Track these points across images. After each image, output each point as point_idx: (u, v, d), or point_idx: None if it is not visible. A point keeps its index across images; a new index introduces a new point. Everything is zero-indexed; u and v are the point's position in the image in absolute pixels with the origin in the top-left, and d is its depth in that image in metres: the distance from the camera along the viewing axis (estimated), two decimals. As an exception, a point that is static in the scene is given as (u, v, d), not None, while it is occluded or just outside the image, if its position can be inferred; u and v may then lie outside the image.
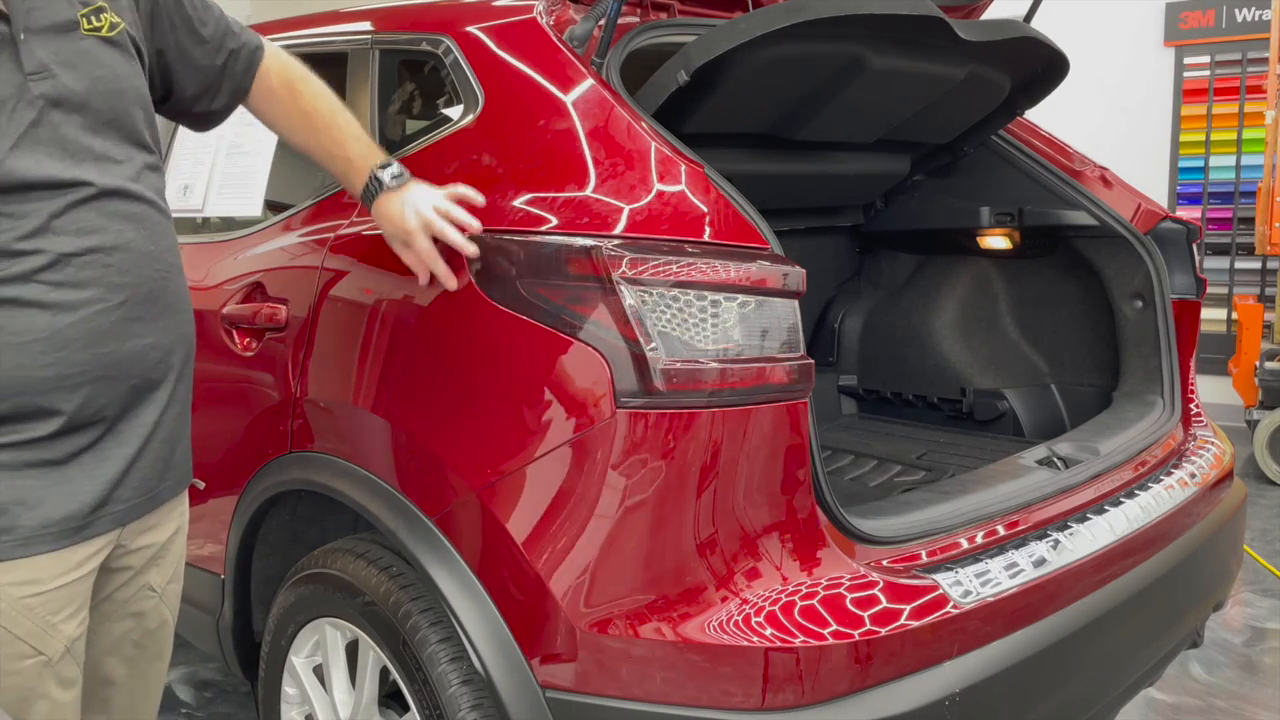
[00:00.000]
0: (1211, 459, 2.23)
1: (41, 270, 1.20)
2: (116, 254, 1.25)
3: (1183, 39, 6.18)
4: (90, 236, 1.23)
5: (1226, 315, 6.05)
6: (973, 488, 1.82)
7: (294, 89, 1.57)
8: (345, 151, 1.58)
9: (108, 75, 1.28)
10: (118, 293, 1.26)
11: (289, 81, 1.57)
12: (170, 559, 1.47)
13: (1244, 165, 6.10)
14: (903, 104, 2.33)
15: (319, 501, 1.92)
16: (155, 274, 1.31)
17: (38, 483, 1.23)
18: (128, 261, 1.27)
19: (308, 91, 1.58)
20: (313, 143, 1.59)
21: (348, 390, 1.76)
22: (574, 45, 1.72)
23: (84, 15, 1.27)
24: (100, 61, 1.27)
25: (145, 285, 1.29)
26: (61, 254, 1.21)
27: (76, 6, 1.26)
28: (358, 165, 1.58)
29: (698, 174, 1.56)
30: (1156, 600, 1.89)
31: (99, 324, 1.24)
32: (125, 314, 1.27)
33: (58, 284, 1.21)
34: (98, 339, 1.24)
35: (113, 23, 1.30)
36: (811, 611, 1.43)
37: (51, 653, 1.26)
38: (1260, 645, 3.20)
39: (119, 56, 1.30)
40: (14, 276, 1.19)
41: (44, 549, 1.23)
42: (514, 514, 1.49)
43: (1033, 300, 2.73)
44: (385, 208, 1.56)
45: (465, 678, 1.55)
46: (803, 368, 1.49)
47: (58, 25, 1.24)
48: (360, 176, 1.58)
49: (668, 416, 1.42)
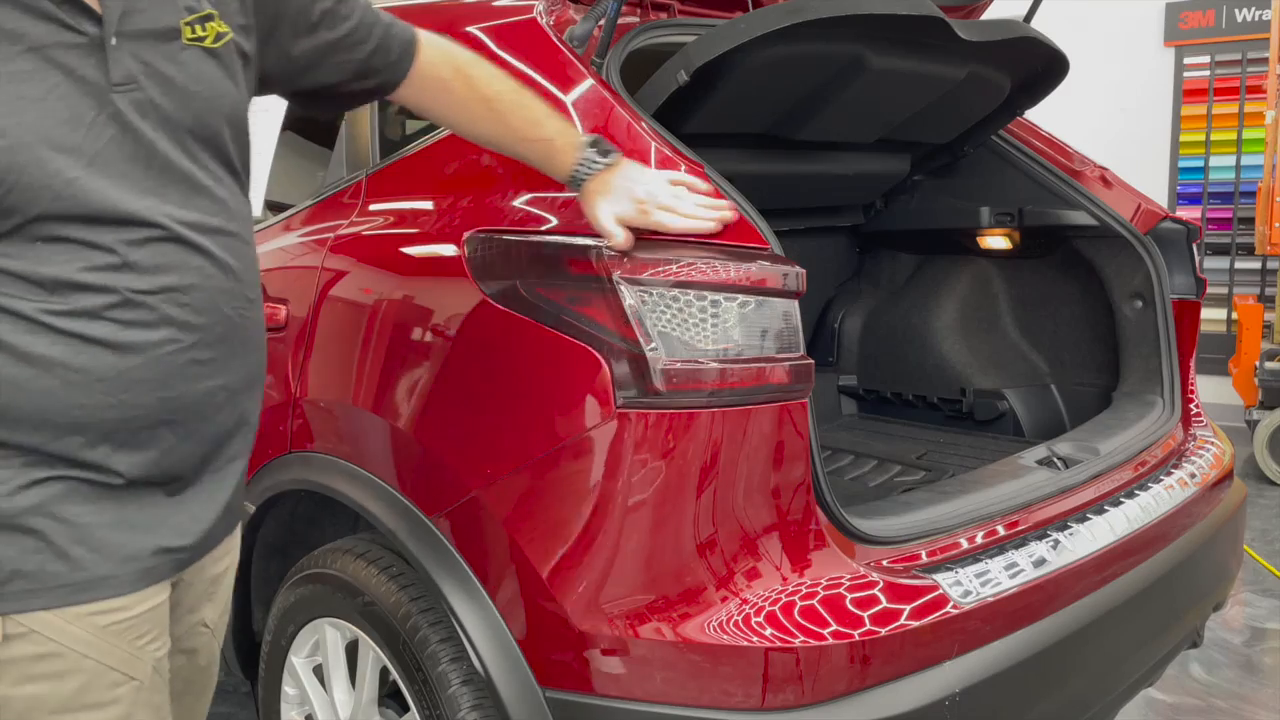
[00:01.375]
0: (1211, 459, 2.23)
1: (111, 308, 1.08)
2: (194, 292, 1.14)
3: (1183, 39, 6.18)
4: (167, 274, 1.11)
5: (1226, 315, 6.05)
6: (973, 488, 1.82)
7: (468, 76, 1.44)
8: (542, 132, 1.44)
9: (204, 92, 1.16)
10: (191, 333, 1.14)
11: (459, 68, 1.44)
12: (222, 593, 1.39)
13: (1244, 165, 6.10)
14: (903, 104, 2.33)
15: (319, 502, 1.92)
16: (233, 311, 1.19)
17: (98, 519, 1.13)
18: (205, 300, 1.15)
19: (483, 74, 1.44)
20: (501, 129, 1.46)
21: (348, 390, 1.76)
22: (574, 45, 1.72)
23: (188, 23, 1.14)
24: (198, 76, 1.15)
25: (221, 324, 1.17)
26: (134, 291, 1.09)
27: (181, 12, 1.14)
28: (560, 145, 1.44)
29: (698, 174, 1.56)
30: (1156, 600, 1.88)
31: (168, 366, 1.13)
32: (197, 355, 1.15)
33: (128, 323, 1.09)
34: (165, 382, 1.13)
35: (219, 33, 1.18)
36: (811, 611, 1.43)
37: (142, 676, 1.20)
38: (1260, 645, 3.20)
39: (219, 71, 1.18)
40: (81, 311, 1.07)
41: (105, 595, 1.14)
42: (514, 514, 1.49)
43: (1033, 300, 2.73)
44: (600, 184, 1.42)
45: (465, 678, 1.55)
46: (803, 368, 1.49)
47: (156, 32, 1.12)
48: (565, 157, 1.43)
49: (668, 417, 1.42)
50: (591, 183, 1.43)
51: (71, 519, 1.11)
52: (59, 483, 1.11)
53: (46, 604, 1.10)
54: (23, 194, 1.04)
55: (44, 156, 1.04)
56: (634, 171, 1.45)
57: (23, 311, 1.06)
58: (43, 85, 1.04)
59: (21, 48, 1.04)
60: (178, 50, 1.13)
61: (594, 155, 1.43)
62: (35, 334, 1.07)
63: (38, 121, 1.04)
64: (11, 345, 1.07)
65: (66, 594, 1.11)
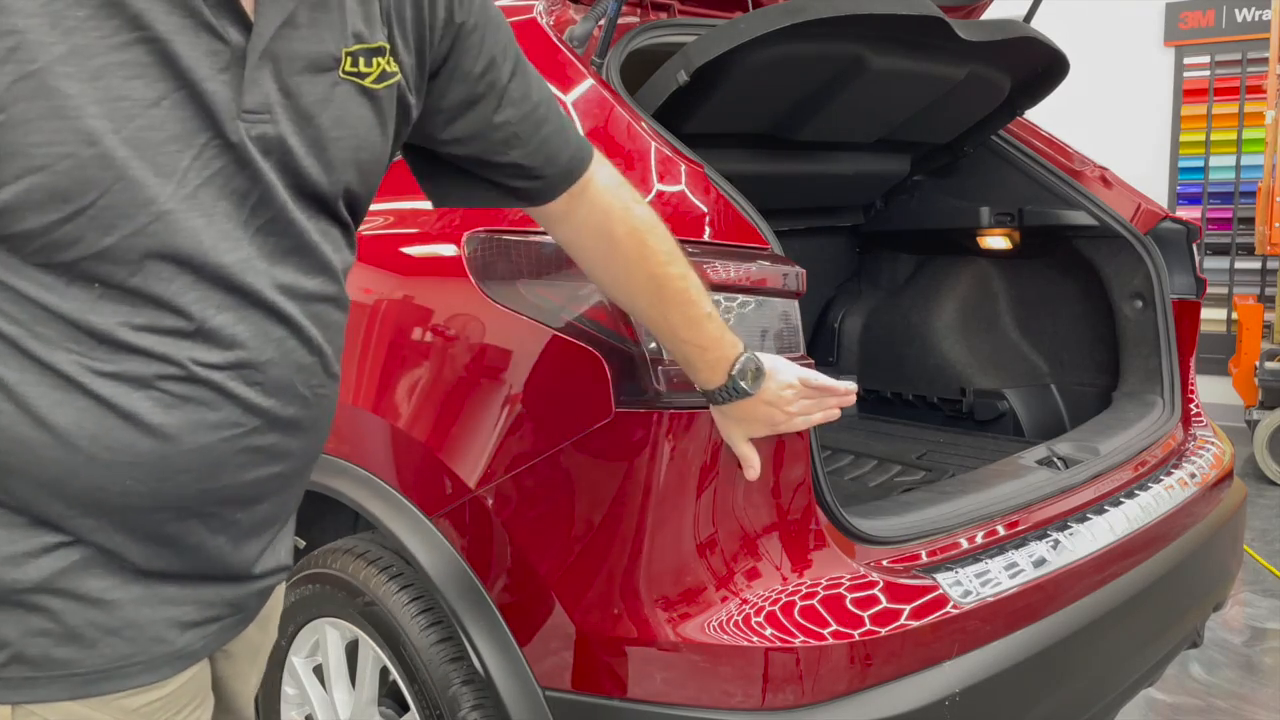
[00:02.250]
0: (1211, 459, 2.23)
1: (166, 379, 0.87)
2: (270, 369, 0.92)
3: (1183, 39, 6.18)
4: (244, 348, 0.89)
5: (1226, 315, 6.05)
6: (973, 488, 1.82)
7: (644, 245, 1.21)
8: (697, 338, 1.27)
9: (345, 139, 0.95)
10: (255, 417, 0.92)
11: (637, 232, 1.21)
12: (264, 652, 1.22)
13: (1244, 165, 6.10)
14: (903, 104, 2.33)
15: (319, 501, 1.92)
16: (309, 391, 0.97)
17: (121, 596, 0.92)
18: (280, 378, 0.93)
19: (661, 250, 1.22)
20: (652, 313, 1.27)
21: (347, 390, 1.76)
22: (574, 45, 1.72)
23: (350, 53, 0.94)
24: (344, 118, 0.94)
25: (293, 407, 0.95)
26: (199, 363, 0.88)
27: (347, 39, 0.94)
28: (711, 357, 1.28)
29: (698, 174, 1.56)
30: (1156, 600, 1.89)
31: (220, 454, 0.91)
32: (256, 442, 0.93)
33: (183, 399, 0.87)
34: (212, 472, 0.91)
35: (386, 72, 0.97)
36: (811, 611, 1.43)
37: None
38: (1260, 645, 3.20)
39: (372, 117, 0.97)
40: (129, 377, 0.86)
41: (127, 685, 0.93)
42: (514, 514, 1.49)
43: (1033, 300, 2.73)
44: (742, 412, 1.33)
45: (465, 678, 1.55)
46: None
47: (311, 57, 0.91)
48: (714, 374, 1.29)
49: (667, 416, 1.42)
50: (733, 409, 1.33)
51: (90, 595, 0.90)
52: (76, 549, 0.90)
53: (52, 696, 0.90)
54: (98, 220, 0.82)
55: (139, 179, 0.82)
56: (774, 394, 1.32)
57: (56, 364, 0.84)
58: (155, 89, 0.83)
59: (139, 35, 0.82)
60: (330, 85, 0.93)
61: (743, 386, 1.29)
62: (66, 394, 0.85)
63: (141, 133, 0.82)
64: (33, 405, 0.85)
65: (79, 685, 0.91)
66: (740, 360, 1.30)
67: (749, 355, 1.31)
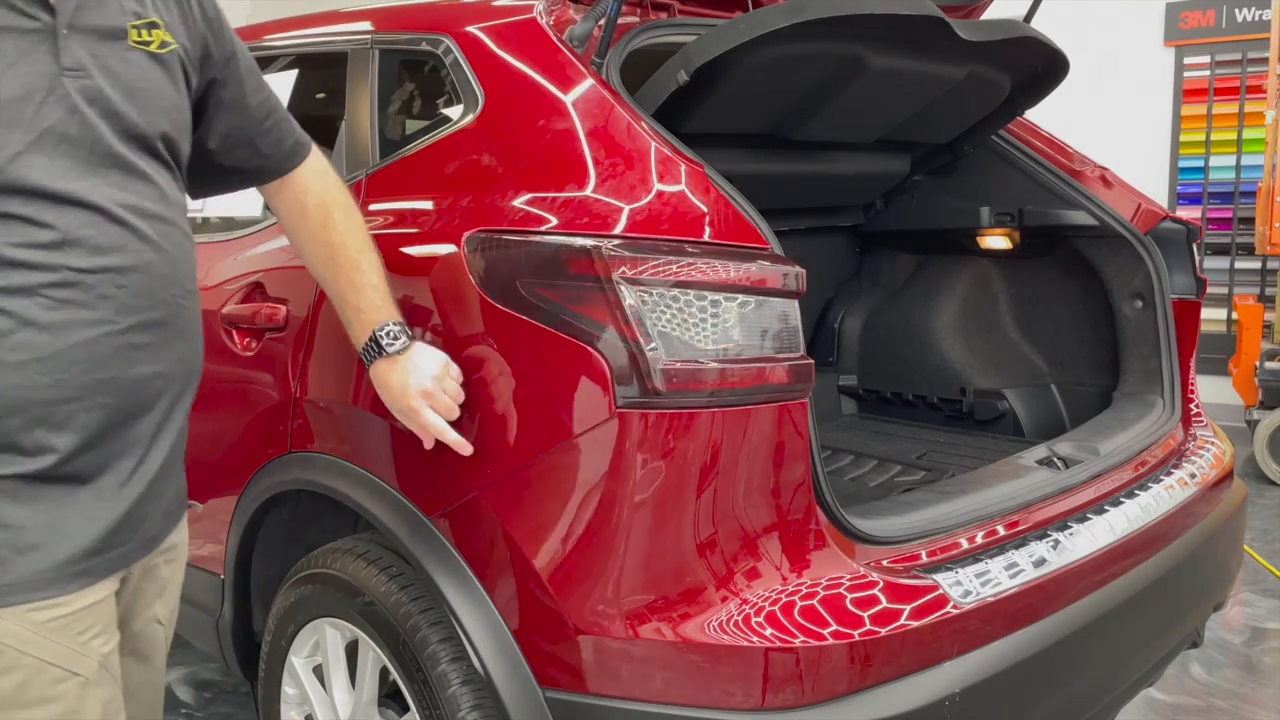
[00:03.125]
0: (1211, 459, 2.23)
1: (49, 286, 1.11)
2: (132, 275, 1.17)
3: (1183, 39, 6.18)
4: (108, 255, 1.14)
5: (1226, 315, 6.05)
6: (973, 488, 1.82)
7: (329, 217, 1.51)
8: (356, 300, 1.52)
9: (148, 89, 1.21)
10: (128, 315, 1.17)
11: (325, 206, 1.51)
12: (173, 587, 1.42)
13: (1244, 165, 6.10)
14: (903, 104, 2.33)
15: (319, 501, 1.92)
16: (170, 299, 1.22)
17: (31, 522, 1.14)
18: (143, 284, 1.18)
19: (342, 225, 1.51)
20: (327, 276, 1.54)
21: (347, 390, 1.76)
22: (574, 45, 1.72)
23: (135, 27, 1.21)
24: (142, 75, 1.21)
25: (158, 310, 1.20)
26: (73, 269, 1.12)
27: (129, 16, 1.21)
28: (363, 319, 1.52)
29: (698, 174, 1.56)
30: (1156, 600, 1.88)
31: (103, 348, 1.15)
32: (132, 339, 1.18)
33: (64, 302, 1.12)
34: (100, 363, 1.15)
35: (164, 41, 1.24)
36: (811, 611, 1.43)
37: (87, 672, 1.19)
38: (1260, 645, 3.20)
39: (163, 75, 1.24)
40: (15, 289, 1.09)
41: (34, 597, 1.14)
42: (514, 514, 1.49)
43: (1033, 300, 2.73)
44: (383, 375, 1.52)
45: (465, 678, 1.55)
46: (803, 368, 1.49)
47: (105, 30, 1.18)
48: (362, 333, 1.52)
49: (668, 416, 1.42)
50: (375, 368, 1.52)
51: (3, 521, 1.12)
52: None
53: None
54: None
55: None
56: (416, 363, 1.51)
57: None
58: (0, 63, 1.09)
59: None
60: (124, 50, 1.20)
61: (383, 342, 1.50)
62: None
63: None
64: None
65: None
66: (380, 331, 1.50)
67: (393, 332, 1.50)
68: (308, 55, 2.24)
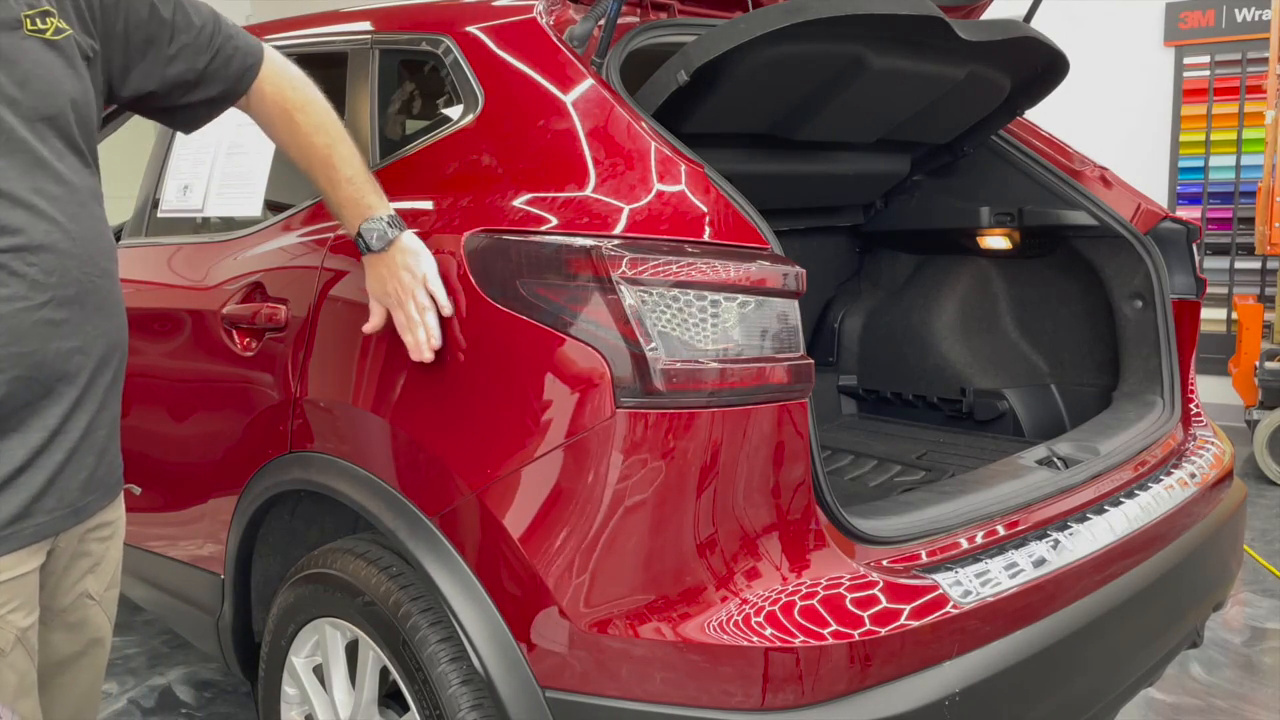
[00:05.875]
0: (1211, 459, 2.23)
1: None
2: (42, 253, 1.22)
3: (1183, 39, 6.18)
4: (14, 235, 1.20)
5: (1226, 315, 6.05)
6: (973, 488, 1.82)
7: (291, 120, 1.55)
8: (337, 196, 1.58)
9: (46, 75, 1.25)
10: (41, 292, 1.22)
11: (286, 111, 1.55)
12: (107, 565, 1.46)
13: (1244, 165, 6.10)
14: (903, 104, 2.33)
15: (319, 501, 1.92)
16: (83, 277, 1.28)
17: None
18: (53, 262, 1.23)
19: (305, 124, 1.55)
20: (310, 177, 1.60)
21: (347, 390, 1.76)
22: (574, 45, 1.72)
23: (28, 16, 1.25)
24: (39, 61, 1.25)
25: (72, 287, 1.26)
26: None
27: (21, 7, 1.25)
28: (346, 215, 1.59)
29: (698, 174, 1.56)
30: (1156, 600, 1.89)
31: (20, 322, 1.21)
32: (48, 315, 1.23)
33: None
34: (18, 338, 1.21)
35: (58, 28, 1.28)
36: (811, 611, 1.43)
37: (3, 644, 1.25)
38: (1260, 645, 3.20)
39: (59, 61, 1.28)
40: None
41: None
42: (514, 514, 1.49)
43: (1033, 300, 2.73)
44: (372, 266, 1.59)
45: (465, 678, 1.55)
46: (803, 368, 1.49)
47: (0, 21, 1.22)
48: (349, 227, 1.59)
49: (667, 416, 1.42)
50: (366, 260, 1.59)
51: None
52: None
53: None
54: None
55: None
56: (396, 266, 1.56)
57: None
58: None
59: None
60: (20, 39, 1.24)
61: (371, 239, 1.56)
62: None
63: None
64: None
65: None
66: (370, 222, 1.57)
67: (381, 223, 1.57)
68: (308, 55, 2.24)
